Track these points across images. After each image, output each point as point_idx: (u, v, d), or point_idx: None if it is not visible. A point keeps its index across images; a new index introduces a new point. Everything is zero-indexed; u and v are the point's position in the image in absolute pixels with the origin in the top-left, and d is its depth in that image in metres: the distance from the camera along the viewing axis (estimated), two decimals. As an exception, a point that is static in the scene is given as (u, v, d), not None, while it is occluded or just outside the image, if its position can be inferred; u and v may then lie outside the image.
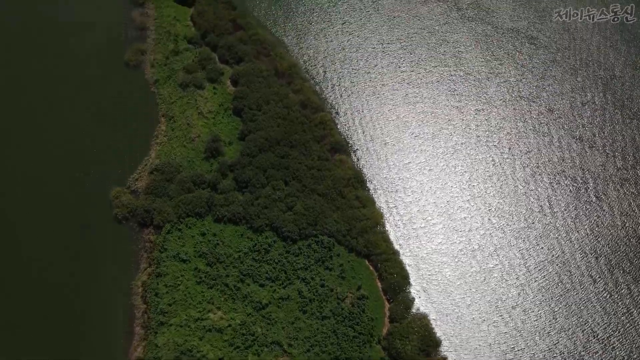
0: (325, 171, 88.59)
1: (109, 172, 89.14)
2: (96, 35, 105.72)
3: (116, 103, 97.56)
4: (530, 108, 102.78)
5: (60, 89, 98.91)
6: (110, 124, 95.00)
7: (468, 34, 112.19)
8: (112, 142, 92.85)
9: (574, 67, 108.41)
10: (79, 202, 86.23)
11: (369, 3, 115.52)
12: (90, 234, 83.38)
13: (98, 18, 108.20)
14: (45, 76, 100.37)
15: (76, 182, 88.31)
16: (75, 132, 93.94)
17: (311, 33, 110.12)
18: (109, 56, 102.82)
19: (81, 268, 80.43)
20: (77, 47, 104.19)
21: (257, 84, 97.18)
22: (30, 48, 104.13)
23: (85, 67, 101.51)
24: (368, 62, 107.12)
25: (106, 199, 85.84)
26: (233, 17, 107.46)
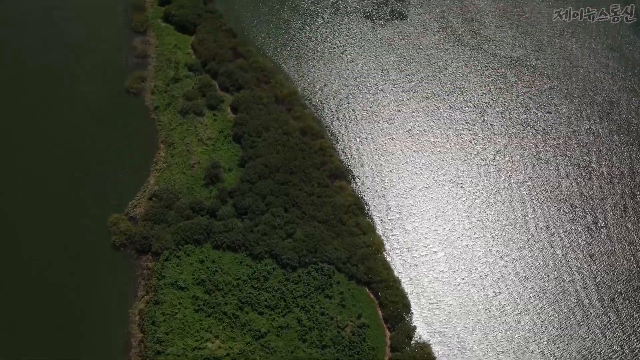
0: (325, 198, 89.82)
1: (108, 198, 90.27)
2: (98, 63, 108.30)
3: (116, 129, 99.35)
4: (530, 135, 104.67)
5: (60, 115, 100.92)
6: (110, 150, 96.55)
7: (468, 62, 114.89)
8: (111, 168, 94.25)
9: (573, 94, 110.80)
10: (77, 228, 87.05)
11: (369, 32, 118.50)
12: (86, 261, 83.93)
13: (100, 46, 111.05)
14: (46, 102, 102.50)
15: (74, 208, 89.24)
16: (75, 158, 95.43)
17: (311, 61, 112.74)
18: (110, 83, 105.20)
19: (77, 296, 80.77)
20: (78, 74, 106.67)
21: (257, 111, 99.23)
22: (32, 75, 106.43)
23: (86, 94, 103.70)
24: (368, 89, 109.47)
25: (104, 226, 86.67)
26: (234, 45, 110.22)
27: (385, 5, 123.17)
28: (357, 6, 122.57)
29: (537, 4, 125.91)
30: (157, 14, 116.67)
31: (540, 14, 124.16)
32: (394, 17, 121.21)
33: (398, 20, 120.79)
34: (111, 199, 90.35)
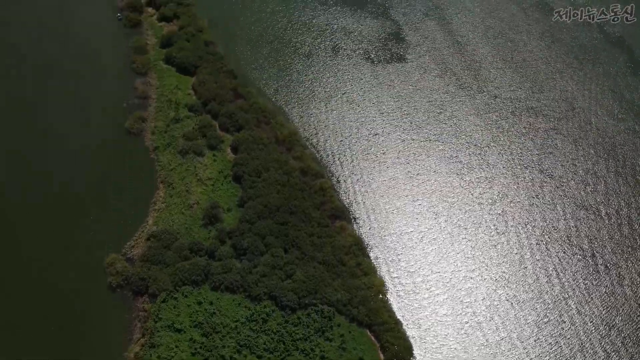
0: (325, 238, 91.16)
1: (105, 238, 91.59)
2: (99, 103, 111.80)
3: (115, 170, 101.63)
4: (532, 176, 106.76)
5: (60, 154, 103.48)
6: (109, 190, 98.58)
7: (468, 104, 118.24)
8: (109, 208, 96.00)
9: (574, 135, 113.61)
10: (73, 268, 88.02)
11: (369, 74, 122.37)
12: (82, 303, 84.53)
13: (101, 87, 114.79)
14: (46, 140, 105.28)
15: (71, 248, 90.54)
16: (73, 197, 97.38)
17: (312, 102, 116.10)
18: (111, 123, 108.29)
19: (71, 338, 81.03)
20: (79, 114, 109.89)
21: (257, 151, 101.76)
22: (32, 113, 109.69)
23: (87, 134, 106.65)
24: (368, 130, 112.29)
25: (101, 266, 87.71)
26: (234, 86, 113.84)
27: (384, 47, 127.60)
28: (357, 48, 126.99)
29: (535, 46, 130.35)
30: (158, 56, 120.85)
31: (539, 56, 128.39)
32: (394, 60, 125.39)
33: (398, 63, 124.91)
34: (109, 239, 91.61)
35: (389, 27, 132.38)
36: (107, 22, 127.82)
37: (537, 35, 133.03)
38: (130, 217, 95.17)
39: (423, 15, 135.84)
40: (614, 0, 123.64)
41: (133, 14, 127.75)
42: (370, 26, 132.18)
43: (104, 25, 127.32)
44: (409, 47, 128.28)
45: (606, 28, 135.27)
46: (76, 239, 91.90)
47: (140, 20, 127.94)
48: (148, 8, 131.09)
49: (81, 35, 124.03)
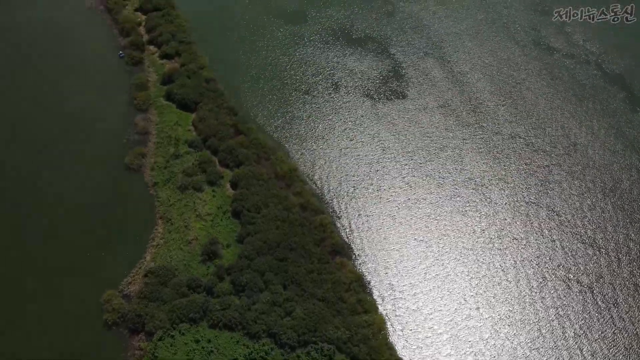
0: (325, 275, 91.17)
1: (102, 274, 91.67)
2: (99, 139, 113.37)
3: (114, 205, 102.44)
4: (534, 212, 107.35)
5: (59, 189, 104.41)
6: (107, 226, 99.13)
7: (468, 139, 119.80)
8: (106, 244, 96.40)
9: (576, 171, 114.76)
10: (68, 305, 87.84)
11: (369, 111, 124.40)
12: (76, 341, 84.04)
13: (102, 123, 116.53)
14: (44, 176, 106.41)
15: (66, 284, 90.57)
16: (71, 232, 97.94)
17: (312, 139, 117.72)
18: (110, 159, 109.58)
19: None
20: (78, 149, 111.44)
21: (257, 187, 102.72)
22: (31, 148, 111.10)
23: (86, 170, 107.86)
24: (369, 166, 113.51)
25: (97, 303, 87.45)
26: (234, 123, 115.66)
27: (384, 84, 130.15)
28: (357, 85, 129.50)
29: (534, 83, 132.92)
30: (159, 92, 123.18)
31: (538, 93, 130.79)
32: (394, 97, 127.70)
33: (398, 99, 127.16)
34: (105, 275, 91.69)
35: (388, 64, 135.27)
36: (109, 59, 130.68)
37: (536, 73, 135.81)
38: (127, 253, 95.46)
39: (423, 53, 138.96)
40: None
41: (135, 52, 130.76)
42: (370, 64, 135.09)
43: (106, 62, 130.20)
44: (409, 84, 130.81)
45: (604, 66, 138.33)
46: (73, 275, 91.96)
47: (142, 58, 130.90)
48: (150, 46, 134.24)
49: (83, 72, 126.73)
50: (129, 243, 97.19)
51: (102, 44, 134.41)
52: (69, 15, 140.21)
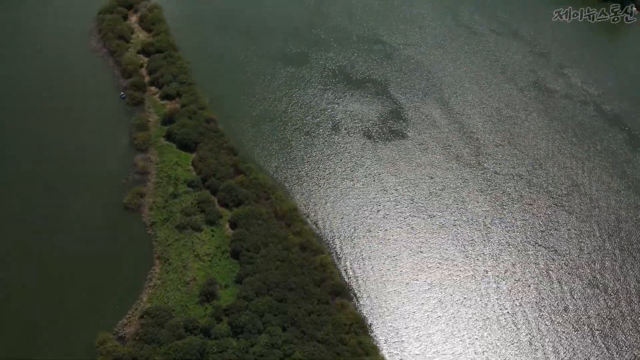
0: (325, 316, 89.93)
1: (97, 316, 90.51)
2: (98, 179, 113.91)
3: (111, 245, 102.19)
4: (538, 253, 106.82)
5: (56, 229, 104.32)
6: (104, 266, 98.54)
7: (469, 180, 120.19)
8: (103, 285, 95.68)
9: (578, 212, 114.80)
10: (63, 347, 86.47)
11: (369, 151, 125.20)
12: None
13: (102, 162, 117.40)
14: (42, 215, 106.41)
15: (61, 325, 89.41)
16: (66, 273, 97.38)
17: (312, 179, 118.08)
18: (109, 199, 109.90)
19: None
20: (77, 189, 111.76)
21: (256, 227, 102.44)
22: (30, 187, 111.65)
23: (84, 209, 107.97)
24: (369, 207, 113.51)
25: (91, 345, 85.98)
26: (234, 162, 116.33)
27: (384, 125, 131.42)
28: (358, 126, 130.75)
29: (533, 124, 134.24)
30: (159, 132, 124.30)
31: (538, 133, 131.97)
32: (394, 137, 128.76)
33: (398, 140, 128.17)
34: (100, 317, 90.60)
35: (388, 105, 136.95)
36: (111, 100, 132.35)
37: (535, 114, 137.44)
38: (124, 294, 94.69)
39: (422, 94, 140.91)
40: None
41: (136, 92, 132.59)
42: (370, 105, 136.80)
43: (107, 103, 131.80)
44: (409, 124, 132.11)
45: (603, 107, 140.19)
46: (67, 315, 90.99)
47: (143, 98, 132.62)
48: (151, 87, 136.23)
49: (84, 112, 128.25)
50: (125, 284, 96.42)
51: (103, 84, 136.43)
52: (72, 56, 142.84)
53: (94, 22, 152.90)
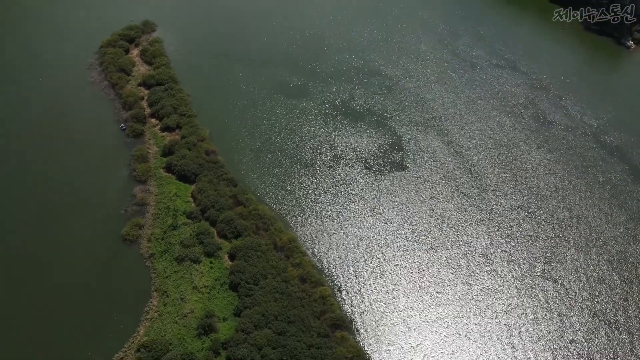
0: (325, 349, 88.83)
1: (93, 349, 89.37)
2: (96, 210, 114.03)
3: (108, 278, 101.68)
4: (541, 286, 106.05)
5: (53, 262, 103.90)
6: (100, 299, 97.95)
7: (470, 212, 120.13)
8: (99, 318, 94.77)
9: (581, 243, 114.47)
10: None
11: (370, 183, 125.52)
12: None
13: (100, 193, 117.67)
14: (39, 247, 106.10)
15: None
16: (62, 307, 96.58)
17: (312, 211, 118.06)
18: (107, 230, 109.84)
19: None
20: (75, 220, 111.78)
21: (255, 258, 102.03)
22: (27, 219, 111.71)
23: (81, 241, 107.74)
24: (370, 239, 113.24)
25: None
26: (234, 194, 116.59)
27: (384, 156, 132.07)
28: (358, 158, 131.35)
29: (533, 155, 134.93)
30: (159, 164, 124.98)
31: (538, 165, 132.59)
32: (394, 168, 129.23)
33: (398, 172, 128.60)
34: (97, 349, 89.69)
35: (388, 137, 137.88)
36: (111, 131, 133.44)
37: (535, 145, 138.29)
38: (120, 327, 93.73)
39: (422, 126, 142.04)
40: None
41: (136, 124, 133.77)
42: (370, 136, 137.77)
43: (107, 134, 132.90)
44: (409, 156, 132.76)
45: (602, 138, 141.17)
46: (63, 348, 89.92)
47: (143, 130, 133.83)
48: (151, 119, 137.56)
49: (84, 144, 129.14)
50: (122, 316, 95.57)
51: (104, 116, 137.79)
52: (73, 89, 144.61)
53: (96, 56, 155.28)
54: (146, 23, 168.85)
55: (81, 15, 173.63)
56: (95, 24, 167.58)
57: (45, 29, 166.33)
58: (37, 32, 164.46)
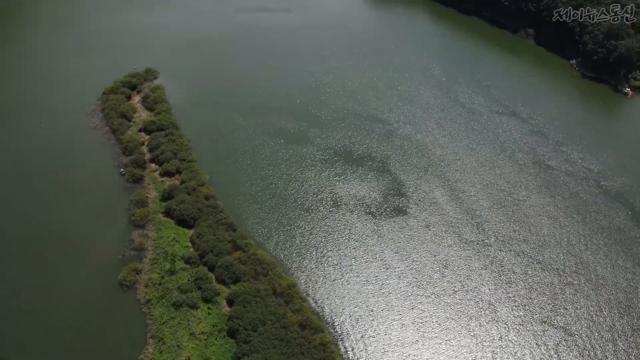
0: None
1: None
2: (93, 255, 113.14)
3: (103, 325, 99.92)
4: (547, 333, 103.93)
5: (47, 307, 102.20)
6: (94, 346, 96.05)
7: (473, 258, 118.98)
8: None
9: (587, 290, 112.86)
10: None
11: (371, 228, 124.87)
12: None
13: (98, 238, 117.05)
14: (35, 292, 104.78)
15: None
16: (56, 353, 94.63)
17: (313, 256, 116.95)
18: (103, 275, 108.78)
19: None
20: (71, 265, 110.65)
21: (254, 304, 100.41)
22: (23, 263, 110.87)
23: (77, 286, 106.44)
24: (371, 285, 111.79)
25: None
26: (233, 239, 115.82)
27: (386, 202, 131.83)
28: (359, 203, 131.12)
29: (535, 201, 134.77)
30: (158, 208, 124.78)
31: (540, 210, 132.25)
32: (396, 214, 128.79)
33: (399, 217, 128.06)
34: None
35: (389, 183, 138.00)
36: (111, 176, 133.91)
37: (536, 190, 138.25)
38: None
39: (422, 171, 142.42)
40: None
41: (136, 169, 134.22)
42: (371, 182, 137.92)
43: (107, 179, 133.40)
44: (410, 202, 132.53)
45: (603, 183, 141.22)
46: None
47: (142, 175, 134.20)
48: (151, 164, 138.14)
49: (83, 188, 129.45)
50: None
51: (104, 161, 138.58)
52: (74, 134, 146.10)
53: (98, 102, 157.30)
54: (148, 70, 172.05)
55: (85, 62, 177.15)
56: (99, 72, 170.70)
57: (50, 76, 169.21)
58: (41, 79, 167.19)
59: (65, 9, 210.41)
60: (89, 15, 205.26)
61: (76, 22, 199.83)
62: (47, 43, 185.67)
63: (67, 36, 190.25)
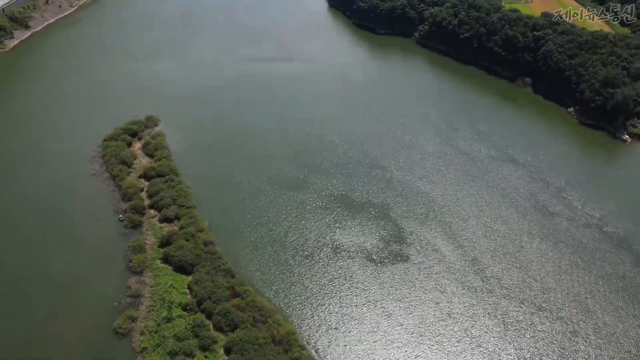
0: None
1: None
2: (88, 301, 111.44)
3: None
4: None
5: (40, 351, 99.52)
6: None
7: (476, 306, 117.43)
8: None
9: (594, 339, 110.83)
10: None
11: (372, 275, 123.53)
12: None
13: (94, 284, 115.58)
14: (27, 340, 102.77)
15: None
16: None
17: (313, 304, 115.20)
18: (98, 322, 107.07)
19: None
20: (66, 314, 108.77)
21: (252, 352, 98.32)
22: (23, 304, 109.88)
23: (71, 334, 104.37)
24: (373, 334, 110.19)
25: None
26: (231, 285, 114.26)
27: (386, 248, 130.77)
28: (359, 250, 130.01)
29: (538, 247, 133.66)
30: (156, 255, 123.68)
31: (543, 257, 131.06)
32: (396, 261, 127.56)
33: (400, 263, 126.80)
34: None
35: (389, 229, 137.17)
36: (109, 222, 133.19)
37: (539, 237, 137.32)
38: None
39: (423, 217, 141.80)
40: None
41: (135, 215, 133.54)
42: (371, 228, 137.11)
43: (105, 225, 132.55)
44: (411, 248, 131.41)
45: (605, 229, 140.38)
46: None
47: (141, 221, 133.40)
48: (151, 210, 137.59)
49: (81, 234, 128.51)
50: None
51: (103, 207, 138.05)
52: (74, 180, 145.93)
53: (99, 149, 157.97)
54: (149, 118, 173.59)
55: (87, 110, 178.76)
56: (100, 119, 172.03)
57: (51, 123, 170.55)
58: (42, 127, 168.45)
59: (69, 57, 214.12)
60: (92, 63, 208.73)
61: (79, 71, 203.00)
62: (50, 91, 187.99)
63: (69, 84, 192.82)
